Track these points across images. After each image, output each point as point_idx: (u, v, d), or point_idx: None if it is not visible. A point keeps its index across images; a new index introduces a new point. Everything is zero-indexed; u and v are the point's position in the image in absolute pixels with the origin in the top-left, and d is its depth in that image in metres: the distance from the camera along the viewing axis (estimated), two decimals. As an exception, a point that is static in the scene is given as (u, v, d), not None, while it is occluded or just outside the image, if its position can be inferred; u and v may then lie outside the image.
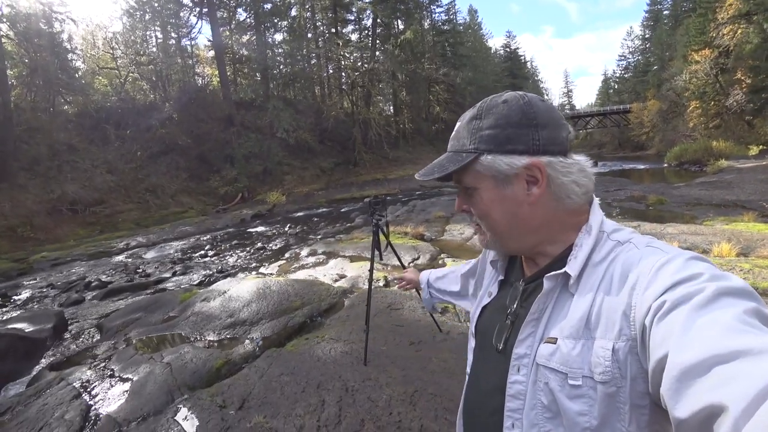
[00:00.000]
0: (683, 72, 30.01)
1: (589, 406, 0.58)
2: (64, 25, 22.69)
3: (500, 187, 0.70)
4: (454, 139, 0.75)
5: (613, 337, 0.57)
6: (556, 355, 0.62)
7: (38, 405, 3.00)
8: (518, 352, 0.69)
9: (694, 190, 12.90)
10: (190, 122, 24.15)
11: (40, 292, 8.16)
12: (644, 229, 7.36)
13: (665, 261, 0.57)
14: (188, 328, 4.42)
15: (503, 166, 0.68)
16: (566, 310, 0.65)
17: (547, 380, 0.63)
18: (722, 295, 0.49)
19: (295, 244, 10.72)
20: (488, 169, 0.69)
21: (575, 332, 0.62)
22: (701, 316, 0.47)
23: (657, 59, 48.16)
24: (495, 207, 0.71)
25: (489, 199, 0.71)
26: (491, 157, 0.69)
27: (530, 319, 0.68)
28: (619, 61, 62.34)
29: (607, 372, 0.56)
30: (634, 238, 0.66)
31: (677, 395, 0.44)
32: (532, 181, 0.69)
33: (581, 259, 0.66)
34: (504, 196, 0.70)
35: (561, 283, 0.67)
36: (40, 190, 16.62)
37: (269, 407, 2.67)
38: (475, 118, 0.72)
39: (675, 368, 0.45)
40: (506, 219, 0.71)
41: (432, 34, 41.47)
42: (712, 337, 0.44)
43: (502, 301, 0.80)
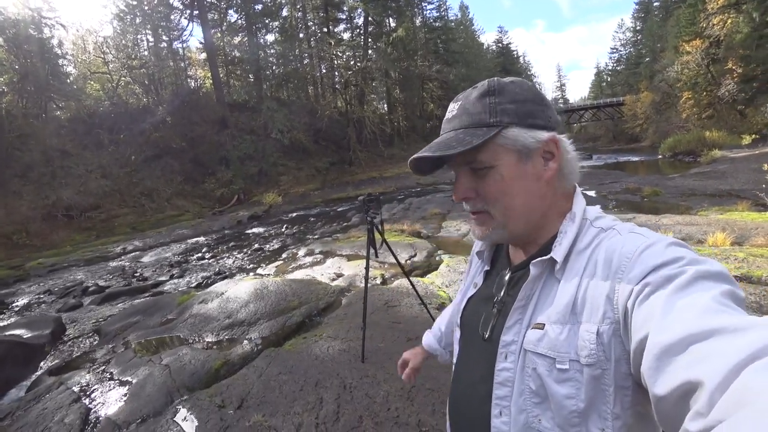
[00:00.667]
0: (675, 63, 30.06)
1: (576, 389, 0.59)
2: (54, 31, 22.62)
3: (522, 162, 0.70)
4: (462, 116, 0.71)
5: (598, 320, 0.59)
6: (544, 340, 0.63)
7: (38, 409, 3.01)
8: (505, 339, 0.69)
9: (689, 181, 12.97)
10: (183, 125, 24.07)
11: (38, 298, 8.13)
12: (640, 220, 7.40)
13: (647, 246, 0.59)
14: (186, 330, 4.43)
15: (529, 140, 0.69)
16: (553, 295, 0.66)
17: (535, 366, 0.64)
18: (700, 279, 0.51)
19: (292, 244, 10.72)
20: (513, 143, 0.68)
21: (562, 317, 0.63)
22: (680, 298, 0.50)
23: (649, 51, 48.27)
24: (515, 184, 0.70)
25: (509, 176, 0.70)
26: (516, 130, 0.68)
27: (517, 306, 0.70)
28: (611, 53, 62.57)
29: (593, 355, 0.58)
30: (617, 225, 0.68)
31: (656, 373, 0.46)
32: (547, 156, 0.71)
33: (566, 245, 0.68)
34: (524, 172, 0.70)
35: (547, 269, 0.69)
36: (34, 196, 16.55)
37: (268, 406, 2.69)
38: (488, 94, 0.70)
39: (655, 347, 0.47)
40: (523, 197, 0.70)
41: (424, 32, 41.37)
42: (689, 318, 0.46)
43: (488, 290, 0.81)
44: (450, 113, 0.74)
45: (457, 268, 5.79)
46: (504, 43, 62.67)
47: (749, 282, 4.03)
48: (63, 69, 23.96)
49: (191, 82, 31.03)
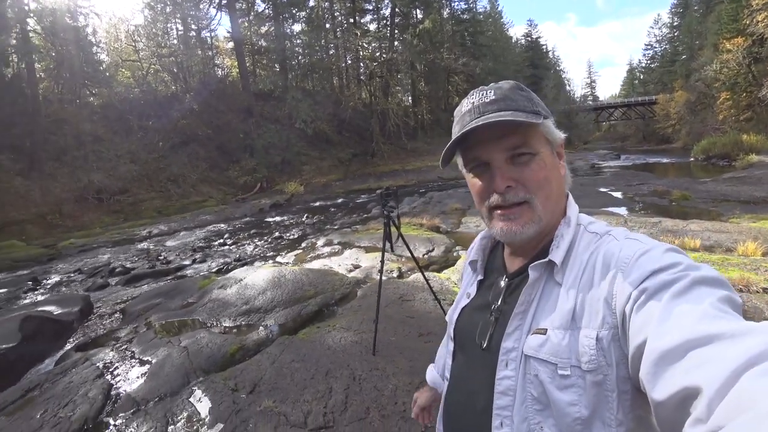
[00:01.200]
0: (713, 61, 28.82)
1: (579, 395, 0.59)
2: (89, 19, 23.31)
3: (553, 154, 0.73)
4: (506, 100, 0.70)
5: (597, 325, 0.59)
6: (546, 345, 0.63)
7: (64, 383, 3.17)
8: (506, 346, 0.68)
9: (721, 186, 12.48)
10: (210, 113, 24.54)
11: (68, 276, 8.50)
12: (666, 225, 7.19)
13: (644, 251, 0.59)
14: (205, 314, 4.56)
15: (557, 135, 0.73)
16: (553, 300, 0.66)
17: (536, 372, 0.63)
18: (698, 284, 0.51)
19: (311, 233, 10.86)
20: (550, 134, 0.72)
21: (564, 323, 0.63)
22: (678, 304, 0.50)
23: (686, 48, 46.36)
24: (553, 173, 0.72)
25: (551, 164, 0.71)
26: (550, 122, 0.72)
27: (517, 312, 0.69)
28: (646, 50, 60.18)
29: (593, 360, 0.58)
30: (613, 231, 0.69)
31: (655, 379, 0.46)
32: (559, 155, 0.74)
33: (564, 248, 0.68)
34: (555, 164, 0.73)
35: (546, 272, 0.69)
36: (68, 179, 17.21)
37: (279, 392, 2.76)
38: (520, 88, 0.73)
39: (653, 353, 0.47)
40: (557, 188, 0.73)
41: (451, 24, 40.76)
42: (687, 323, 0.47)
43: (483, 299, 0.80)
44: (484, 98, 0.71)
45: (474, 266, 5.75)
46: (533, 37, 61.09)
47: (778, 293, 3.87)
48: (96, 57, 24.67)
49: (218, 71, 31.53)
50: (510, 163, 0.70)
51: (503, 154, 0.70)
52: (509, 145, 0.70)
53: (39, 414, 2.74)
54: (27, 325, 4.34)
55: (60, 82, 21.56)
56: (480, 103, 0.71)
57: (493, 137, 0.70)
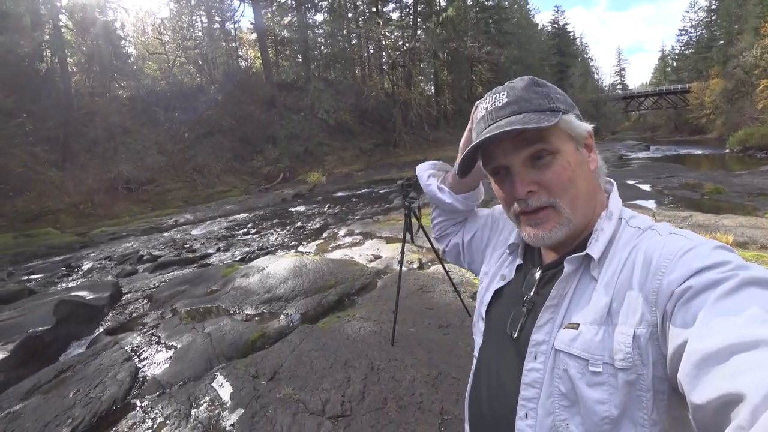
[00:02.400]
0: (754, 47, 27.39)
1: (609, 394, 0.57)
2: (117, 13, 23.92)
3: (578, 150, 0.69)
4: (519, 102, 0.67)
5: (635, 323, 0.56)
6: (578, 340, 0.61)
7: (95, 365, 3.30)
8: (536, 338, 0.67)
9: (758, 179, 11.90)
10: (234, 104, 24.91)
11: (99, 263, 8.84)
12: (696, 219, 6.91)
13: (690, 248, 0.56)
14: (228, 301, 4.66)
15: (581, 128, 0.69)
16: (588, 295, 0.64)
17: (566, 367, 0.62)
18: (748, 285, 0.48)
19: (333, 223, 10.93)
20: (572, 129, 0.68)
21: (599, 318, 0.60)
22: (725, 305, 0.47)
23: (724, 33, 44.11)
24: (579, 171, 0.68)
25: (575, 162, 0.68)
26: (571, 116, 0.68)
27: (549, 305, 0.67)
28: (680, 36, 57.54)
29: (628, 359, 0.56)
30: (656, 226, 0.65)
31: (695, 381, 0.44)
32: (588, 147, 0.71)
33: (603, 242, 0.65)
34: (582, 159, 0.69)
35: (582, 267, 0.66)
36: (98, 169, 17.84)
37: (298, 380, 2.80)
38: (535, 85, 0.70)
39: (695, 354, 0.45)
40: (585, 186, 0.68)
41: (475, 11, 39.98)
42: (734, 326, 0.44)
43: (516, 287, 0.78)
44: (497, 102, 0.69)
45: (495, 258, 5.69)
46: (560, 24, 59.36)
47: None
48: (124, 50, 25.37)
49: (242, 62, 31.94)
50: (530, 165, 0.68)
51: (522, 158, 0.68)
52: (527, 149, 0.67)
53: (71, 393, 2.87)
54: (61, 308, 4.53)
55: (91, 76, 22.26)
56: (493, 108, 0.70)
57: (509, 142, 0.68)
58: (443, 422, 2.35)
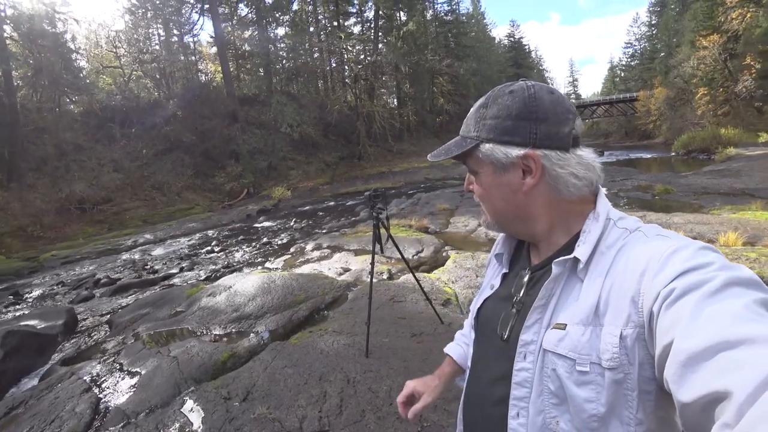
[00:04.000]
0: (691, 58, 29.58)
1: (597, 392, 0.58)
2: (67, 25, 22.85)
3: (498, 173, 0.73)
4: (464, 124, 0.78)
5: (622, 323, 0.58)
6: (565, 340, 0.62)
7: (50, 398, 3.09)
8: (525, 338, 0.69)
9: (702, 179, 12.75)
10: (194, 119, 24.25)
11: (51, 289, 8.30)
12: (650, 218, 7.32)
13: (675, 249, 0.58)
14: (195, 322, 4.50)
15: (500, 155, 0.71)
16: (575, 295, 0.66)
17: (554, 366, 0.63)
18: (732, 285, 0.49)
19: (300, 238, 10.78)
20: (487, 157, 0.73)
21: (585, 318, 0.62)
22: (710, 304, 0.48)
23: (664, 46, 47.35)
24: (493, 191, 0.76)
25: (488, 184, 0.76)
26: (490, 146, 0.72)
27: (537, 305, 0.69)
28: (626, 48, 61.25)
29: (615, 358, 0.57)
30: (643, 227, 0.67)
31: (682, 380, 0.45)
32: (527, 170, 0.71)
33: (590, 244, 0.67)
34: (500, 183, 0.73)
35: (569, 268, 0.68)
36: (48, 189, 16.85)
37: (273, 399, 2.73)
38: (483, 106, 0.75)
39: (681, 353, 0.46)
40: (502, 204, 0.75)
41: (435, 25, 41.11)
42: (719, 325, 0.45)
43: (506, 291, 0.81)
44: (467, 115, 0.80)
45: (464, 264, 5.78)
46: (516, 38, 61.91)
47: (760, 282, 3.97)
48: (76, 63, 24.26)
49: (202, 76, 31.22)
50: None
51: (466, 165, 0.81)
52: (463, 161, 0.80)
53: (24, 431, 2.67)
54: (9, 340, 4.22)
55: (39, 90, 21.11)
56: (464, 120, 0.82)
57: None
58: (423, 429, 2.34)
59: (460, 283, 5.10)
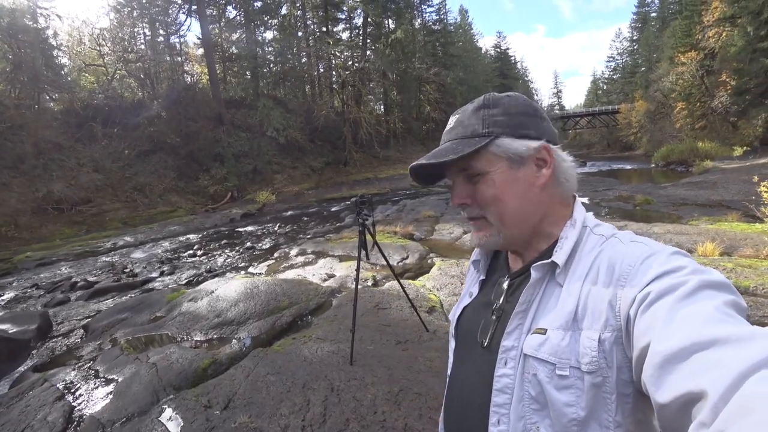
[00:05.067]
0: (670, 73, 30.48)
1: (577, 396, 0.59)
2: (50, 21, 22.30)
3: (514, 168, 0.72)
4: (457, 128, 0.75)
5: (600, 327, 0.59)
6: (546, 345, 0.63)
7: (20, 407, 2.97)
8: (506, 344, 0.69)
9: (680, 190, 13.10)
10: (179, 121, 23.88)
11: (24, 292, 8.03)
12: (630, 228, 7.46)
13: (650, 254, 0.60)
14: (175, 328, 4.40)
15: (520, 148, 0.72)
16: (554, 300, 0.66)
17: (535, 371, 0.63)
18: (704, 288, 0.51)
19: (284, 243, 10.68)
20: (504, 151, 0.72)
21: (565, 323, 0.63)
22: (684, 307, 0.49)
23: (645, 60, 48.83)
24: (508, 189, 0.72)
25: (502, 181, 0.72)
26: (508, 139, 0.72)
27: (518, 311, 0.69)
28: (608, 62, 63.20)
29: (594, 362, 0.58)
30: (618, 234, 0.69)
31: (659, 381, 0.46)
32: (540, 164, 0.73)
33: (567, 249, 0.68)
34: (517, 178, 0.72)
35: (548, 273, 0.69)
36: (24, 188, 16.34)
37: (254, 407, 2.67)
38: (484, 107, 0.74)
39: (657, 356, 0.47)
40: (516, 202, 0.73)
41: (423, 34, 41.49)
42: (692, 327, 0.46)
43: (485, 298, 0.81)
44: (449, 126, 0.78)
45: (449, 272, 5.80)
46: (502, 48, 62.91)
47: (736, 293, 4.07)
48: (57, 60, 23.65)
49: (187, 78, 30.77)
50: (467, 181, 0.75)
51: (460, 174, 0.76)
52: (458, 168, 0.75)
53: (-8, 441, 2.56)
54: (-22, 345, 4.06)
55: (17, 86, 20.50)
56: (446, 130, 0.78)
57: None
58: (406, 440, 2.32)
59: (445, 291, 5.11)
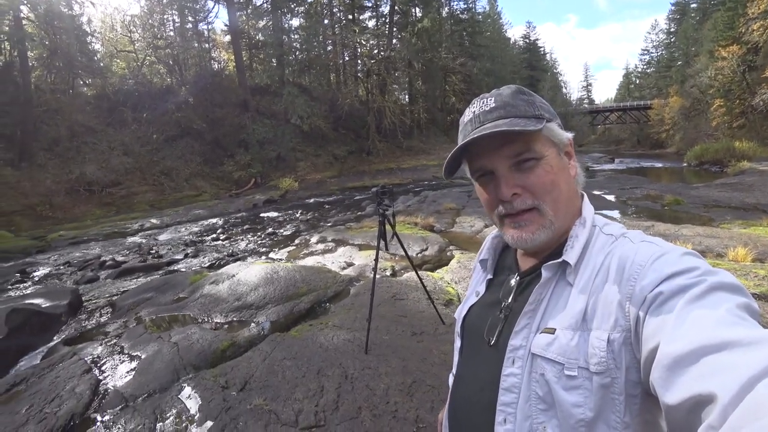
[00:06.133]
0: (708, 68, 29.11)
1: (585, 397, 0.58)
2: (84, 8, 23.00)
3: (560, 156, 0.73)
4: (507, 107, 0.70)
5: (609, 327, 0.58)
6: (554, 345, 0.62)
7: (51, 377, 3.12)
8: (514, 343, 0.68)
9: (713, 192, 12.59)
10: (205, 107, 24.34)
11: (57, 269, 8.39)
12: (658, 229, 7.23)
13: (660, 254, 0.58)
14: (197, 309, 4.52)
15: (563, 136, 0.73)
16: (564, 300, 0.66)
17: (543, 371, 0.63)
18: (716, 290, 0.50)
19: (305, 230, 10.80)
20: (554, 136, 0.72)
21: (574, 323, 0.62)
22: (695, 309, 0.49)
23: (682, 54, 46.73)
24: (561, 175, 0.71)
25: (557, 167, 0.71)
26: (554, 125, 0.72)
27: (527, 310, 0.69)
28: (642, 55, 60.71)
29: (602, 363, 0.57)
30: (629, 233, 0.68)
31: (667, 383, 0.46)
32: (569, 155, 0.75)
33: (578, 248, 0.68)
34: (564, 165, 0.73)
35: (559, 272, 0.68)
36: (59, 170, 17.01)
37: (270, 390, 2.73)
38: (521, 93, 0.73)
39: (666, 357, 0.47)
40: (567, 190, 0.72)
41: (450, 23, 40.83)
42: (703, 329, 0.46)
43: (492, 297, 0.80)
44: (484, 107, 0.72)
45: (468, 265, 5.76)
46: (531, 39, 61.31)
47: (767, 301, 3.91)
48: (91, 46, 24.40)
49: (214, 64, 31.28)
50: (515, 170, 0.70)
51: (507, 161, 0.70)
52: (512, 153, 0.70)
53: (24, 409, 2.69)
54: (13, 317, 4.27)
55: (53, 72, 21.27)
56: (480, 111, 0.72)
57: (495, 146, 0.70)
58: (418, 430, 2.34)
59: (463, 284, 5.08)
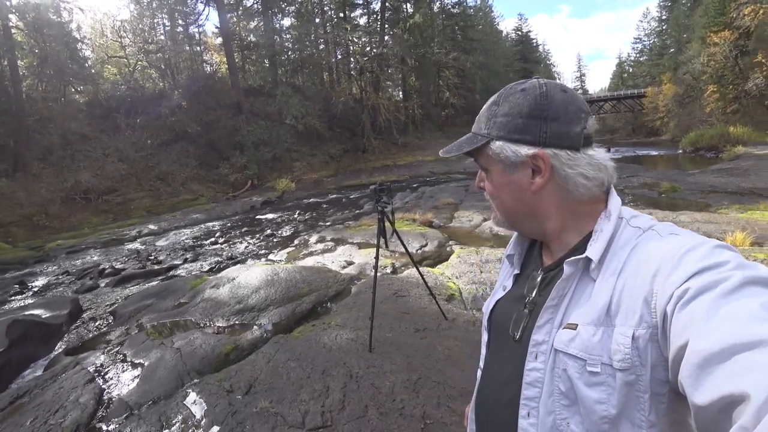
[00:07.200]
0: (701, 54, 29.13)
1: (608, 394, 0.57)
2: (73, 15, 22.87)
3: (507, 171, 0.73)
4: (476, 121, 0.78)
5: (634, 324, 0.57)
6: (576, 341, 0.62)
7: (54, 388, 3.10)
8: (536, 338, 0.68)
9: (709, 177, 12.62)
10: (199, 110, 24.22)
11: (56, 279, 8.35)
12: (656, 216, 7.18)
13: (690, 248, 0.56)
14: (198, 314, 4.50)
15: (509, 153, 0.71)
16: (587, 295, 0.65)
17: (565, 367, 0.62)
18: (748, 284, 0.48)
19: (303, 230, 10.78)
20: (497, 155, 0.73)
21: (597, 319, 0.61)
22: (725, 304, 0.46)
23: (674, 41, 46.71)
24: (503, 189, 0.75)
25: (497, 182, 0.75)
26: (500, 143, 0.72)
27: (549, 305, 0.68)
28: (635, 43, 60.59)
29: (627, 359, 0.56)
30: (656, 226, 0.65)
31: (697, 382, 0.44)
32: (537, 170, 0.70)
33: (602, 243, 0.66)
34: (510, 181, 0.73)
35: (581, 268, 0.67)
36: (53, 179, 16.92)
37: (275, 392, 2.73)
38: (495, 103, 0.74)
39: (696, 355, 0.45)
40: (512, 202, 0.75)
41: (441, 18, 40.71)
42: (735, 325, 0.44)
43: (518, 292, 0.80)
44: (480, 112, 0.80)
45: (468, 259, 5.76)
46: (523, 31, 61.32)
47: None
48: (81, 53, 24.25)
49: (207, 67, 31.11)
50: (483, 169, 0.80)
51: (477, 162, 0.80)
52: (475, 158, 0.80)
53: (28, 421, 2.68)
54: (14, 329, 4.24)
55: (44, 80, 21.12)
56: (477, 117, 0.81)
57: None
58: (425, 427, 2.33)
59: (464, 279, 5.08)
